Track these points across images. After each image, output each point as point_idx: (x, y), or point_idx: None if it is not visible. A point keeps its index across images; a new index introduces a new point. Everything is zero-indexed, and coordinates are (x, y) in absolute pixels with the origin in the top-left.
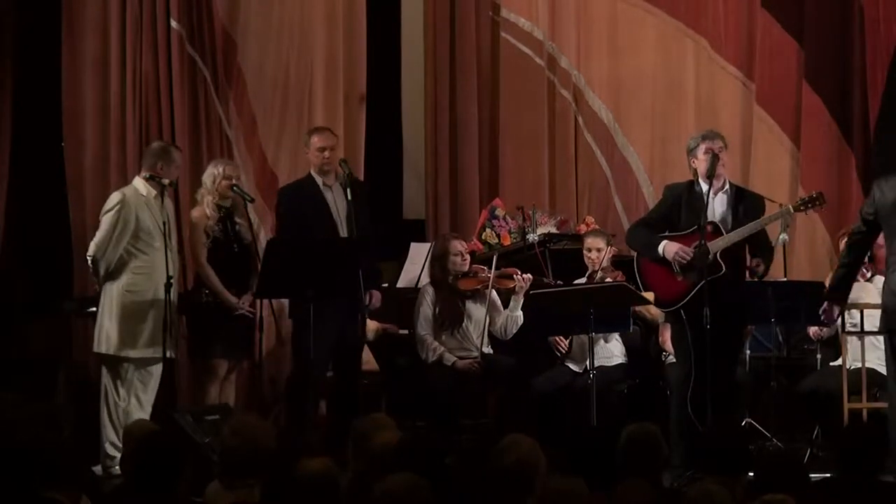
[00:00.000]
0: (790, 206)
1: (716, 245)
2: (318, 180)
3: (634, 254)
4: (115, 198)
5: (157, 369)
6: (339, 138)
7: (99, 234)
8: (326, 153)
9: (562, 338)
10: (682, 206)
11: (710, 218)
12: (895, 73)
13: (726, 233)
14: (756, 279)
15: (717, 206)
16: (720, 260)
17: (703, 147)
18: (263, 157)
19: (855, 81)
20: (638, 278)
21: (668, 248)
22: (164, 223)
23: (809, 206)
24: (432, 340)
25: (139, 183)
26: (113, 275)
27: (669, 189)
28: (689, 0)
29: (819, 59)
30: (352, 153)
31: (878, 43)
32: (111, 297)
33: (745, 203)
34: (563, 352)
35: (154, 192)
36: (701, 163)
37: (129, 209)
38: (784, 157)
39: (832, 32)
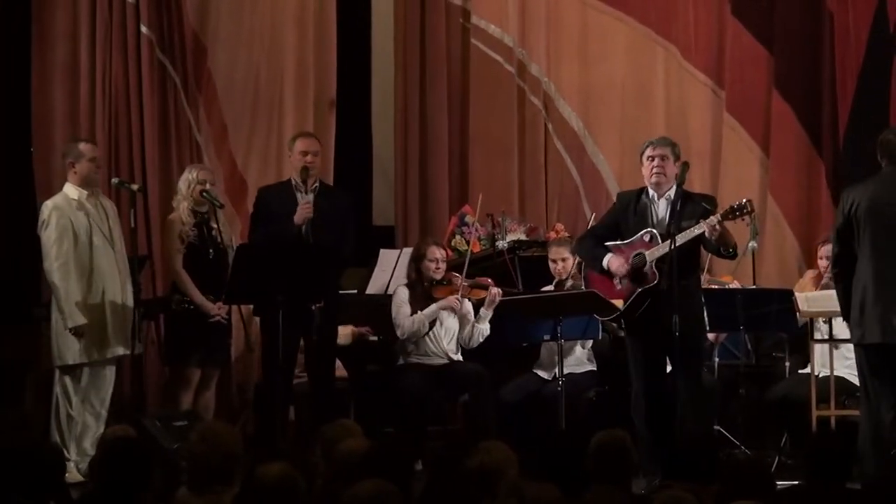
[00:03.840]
0: (719, 216)
1: (651, 255)
2: (297, 184)
3: (583, 266)
4: (44, 210)
5: (112, 373)
6: (322, 145)
7: (48, 257)
8: (308, 157)
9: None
10: (629, 214)
11: (652, 225)
12: (865, 81)
13: (662, 241)
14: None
15: (660, 213)
16: (655, 269)
17: (644, 154)
18: (233, 163)
19: (825, 90)
20: (584, 284)
21: (611, 262)
22: (105, 221)
23: (738, 214)
24: (410, 319)
25: (68, 187)
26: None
27: (620, 196)
28: (659, 8)
29: (789, 68)
30: (322, 159)
31: (847, 51)
32: (58, 306)
33: (687, 209)
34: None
35: (86, 194)
36: (644, 168)
37: (63, 215)
38: (753, 164)
39: (802, 41)
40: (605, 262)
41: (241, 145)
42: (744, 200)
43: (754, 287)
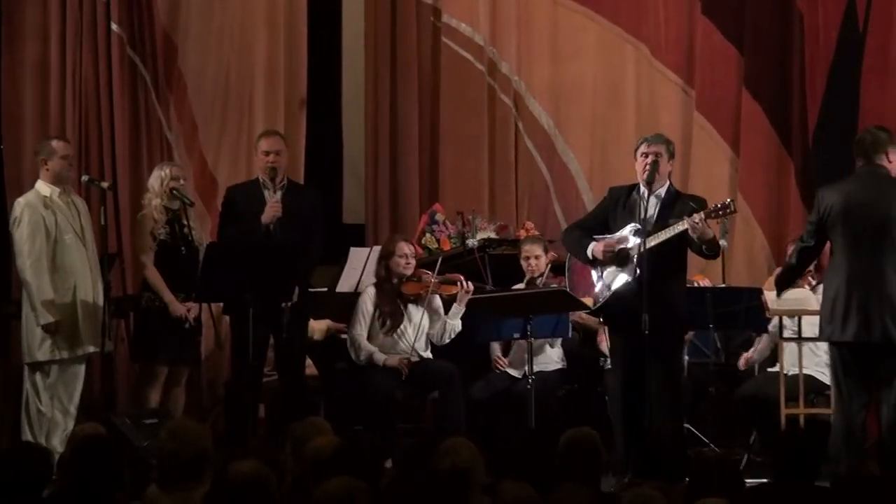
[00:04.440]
0: (702, 214)
1: (635, 249)
2: (264, 182)
3: (567, 257)
4: (16, 208)
5: (82, 370)
6: (286, 142)
7: (21, 254)
8: (271, 157)
9: (500, 357)
10: (618, 208)
11: (640, 221)
12: (834, 81)
13: (647, 237)
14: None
15: (649, 209)
16: (637, 263)
17: (639, 150)
18: (204, 161)
19: (794, 89)
20: (568, 281)
21: (595, 248)
22: (76, 218)
23: (721, 213)
24: (365, 342)
25: (40, 185)
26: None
27: (611, 191)
28: (629, 6)
29: (759, 67)
30: (292, 158)
31: (817, 51)
32: (30, 303)
33: (677, 207)
34: (502, 369)
35: (58, 191)
36: (638, 164)
37: (35, 212)
38: (723, 163)
39: (772, 40)
40: (589, 251)
41: (212, 144)
42: (728, 200)
43: (724, 286)
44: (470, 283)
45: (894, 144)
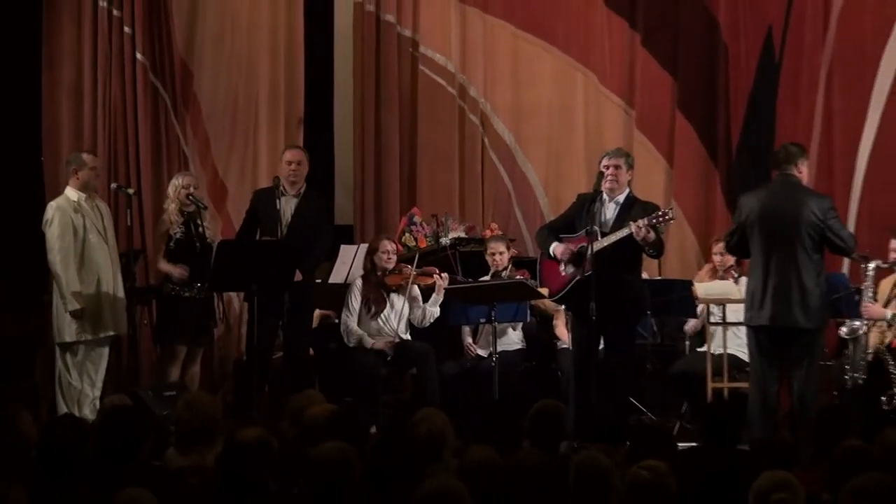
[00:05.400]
0: (644, 220)
1: (593, 247)
2: (283, 188)
3: (539, 253)
4: (48, 211)
5: (106, 350)
6: (307, 154)
7: (52, 250)
8: (293, 166)
9: (472, 344)
10: (584, 212)
11: (599, 224)
12: (754, 103)
13: (601, 237)
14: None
15: (607, 214)
16: (591, 260)
17: (602, 163)
18: (215, 171)
19: (720, 110)
20: (538, 274)
21: (555, 248)
22: (100, 220)
23: (661, 219)
24: (356, 328)
25: (69, 191)
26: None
27: (579, 196)
28: (579, 39)
29: (690, 91)
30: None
31: (739, 77)
32: (60, 292)
33: (633, 212)
34: (472, 354)
35: (85, 197)
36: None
37: (65, 215)
38: (660, 174)
39: (701, 68)
40: (551, 249)
41: (222, 156)
42: (667, 209)
43: (660, 278)
44: (446, 275)
45: (804, 157)
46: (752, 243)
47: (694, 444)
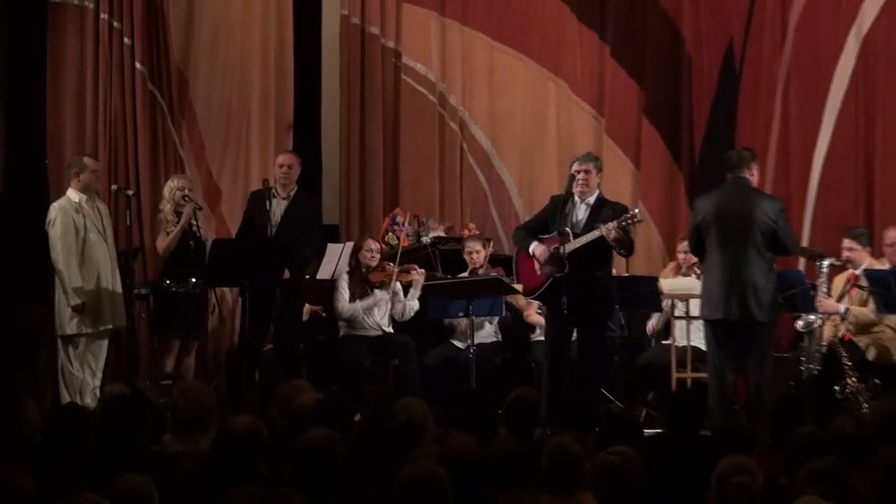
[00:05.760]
0: (614, 222)
1: (566, 247)
2: (276, 190)
3: (514, 251)
4: (51, 212)
5: (105, 343)
6: (299, 159)
7: (55, 248)
8: (284, 169)
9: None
10: (557, 213)
11: (571, 225)
12: (716, 111)
13: (574, 238)
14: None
15: (579, 215)
16: (566, 260)
17: (573, 167)
18: (210, 174)
19: (684, 117)
20: (514, 270)
21: (535, 249)
22: (100, 220)
23: (630, 221)
24: (347, 305)
25: (71, 192)
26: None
27: (552, 199)
28: (552, 50)
29: (656, 100)
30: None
31: (702, 86)
32: (62, 288)
33: (603, 213)
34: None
35: (86, 198)
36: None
37: (66, 215)
38: (627, 177)
39: (666, 78)
40: (531, 249)
41: (216, 160)
42: (635, 211)
43: (627, 274)
44: (423, 270)
45: (755, 161)
46: (708, 242)
47: (659, 430)
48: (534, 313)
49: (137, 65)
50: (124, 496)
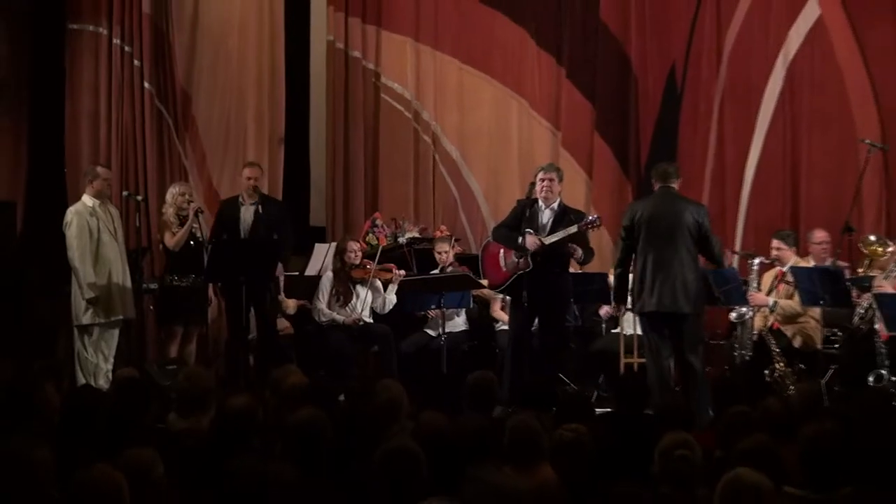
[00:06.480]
0: (576, 226)
1: (546, 240)
2: (242, 199)
3: (480, 251)
4: (67, 215)
5: (116, 331)
6: (262, 171)
7: (71, 248)
8: (251, 181)
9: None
10: (523, 216)
11: (536, 228)
12: (660, 128)
13: (549, 235)
14: (578, 262)
15: (544, 219)
16: (529, 259)
17: (538, 176)
18: (210, 182)
19: (631, 133)
20: (480, 266)
21: (528, 240)
22: (111, 223)
23: (592, 226)
24: (326, 309)
25: (86, 198)
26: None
27: (519, 202)
28: (514, 72)
29: (607, 117)
30: (273, 179)
31: (647, 105)
32: (77, 283)
33: (566, 217)
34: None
35: (99, 203)
36: (536, 186)
37: (81, 218)
38: (581, 186)
39: (616, 97)
40: (520, 241)
41: (216, 169)
42: (596, 216)
43: (581, 271)
44: (401, 270)
45: (678, 176)
46: (640, 241)
47: (609, 410)
48: (498, 309)
49: (146, 84)
50: (133, 467)
